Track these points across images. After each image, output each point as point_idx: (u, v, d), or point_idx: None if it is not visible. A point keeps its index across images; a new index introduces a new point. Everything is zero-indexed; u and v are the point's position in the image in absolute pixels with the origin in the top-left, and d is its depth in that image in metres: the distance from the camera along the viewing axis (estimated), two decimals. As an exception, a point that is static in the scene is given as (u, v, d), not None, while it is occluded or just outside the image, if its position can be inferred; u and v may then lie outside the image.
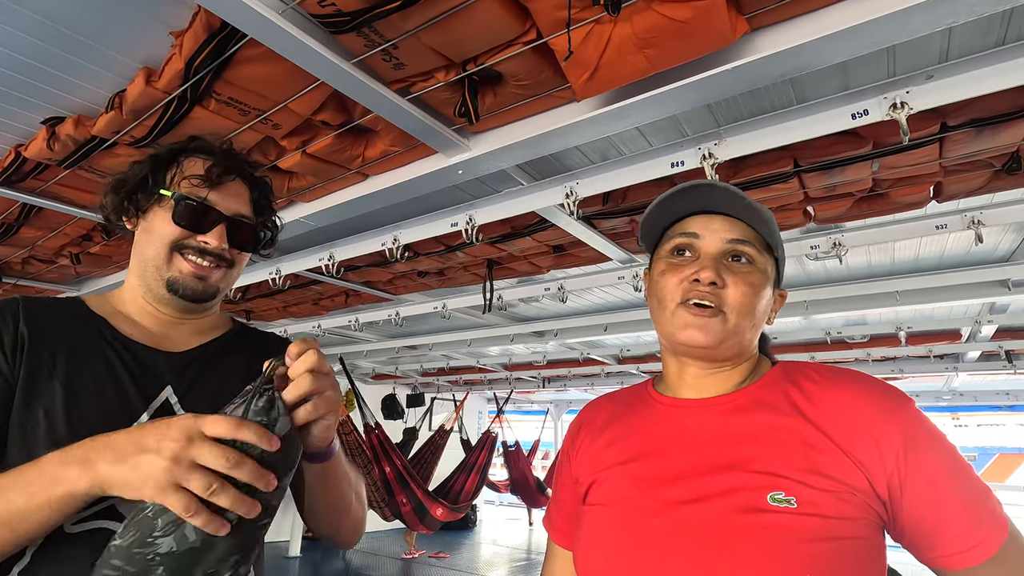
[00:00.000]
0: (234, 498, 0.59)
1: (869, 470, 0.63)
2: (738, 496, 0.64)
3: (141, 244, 0.88)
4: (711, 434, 0.71)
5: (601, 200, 2.14)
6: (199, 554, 0.59)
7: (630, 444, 0.78)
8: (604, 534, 0.72)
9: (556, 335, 4.36)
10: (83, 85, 1.59)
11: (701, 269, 0.71)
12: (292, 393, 0.66)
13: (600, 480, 0.77)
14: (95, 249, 2.71)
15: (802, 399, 0.69)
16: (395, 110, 1.49)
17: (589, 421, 0.87)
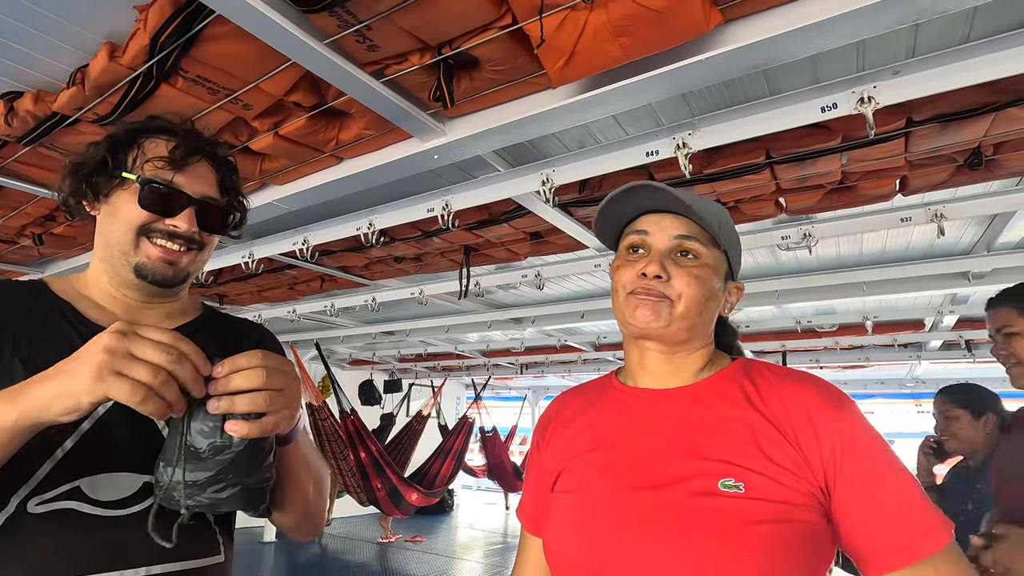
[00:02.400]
0: (178, 392, 0.59)
1: (810, 460, 0.67)
2: (693, 483, 0.69)
3: (105, 228, 0.86)
4: (670, 424, 0.75)
5: (578, 188, 2.15)
6: (202, 487, 0.66)
7: (594, 433, 0.81)
8: (570, 519, 0.76)
9: (533, 322, 4.38)
10: (43, 59, 1.53)
11: (648, 264, 0.77)
12: (224, 409, 0.65)
13: (567, 469, 0.81)
14: (59, 230, 2.63)
15: (755, 393, 0.74)
16: (369, 93, 1.46)
17: (557, 413, 0.90)
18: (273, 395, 0.65)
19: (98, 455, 0.72)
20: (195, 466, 0.65)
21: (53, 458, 0.70)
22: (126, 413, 0.76)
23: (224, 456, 0.65)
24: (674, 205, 0.79)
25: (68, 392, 0.58)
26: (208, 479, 0.66)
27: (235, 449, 0.66)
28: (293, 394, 0.68)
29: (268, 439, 0.71)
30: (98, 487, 0.71)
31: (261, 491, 0.72)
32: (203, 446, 0.65)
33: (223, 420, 0.64)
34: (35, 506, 0.67)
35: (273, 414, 0.65)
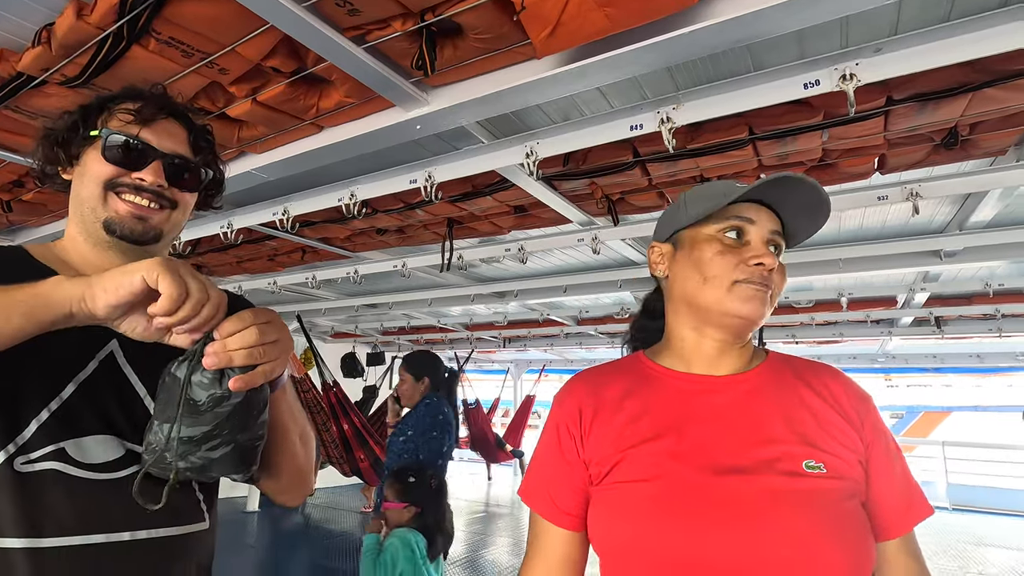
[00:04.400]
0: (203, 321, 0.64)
1: (863, 439, 0.76)
2: (779, 464, 0.72)
3: (76, 189, 0.85)
4: (739, 410, 0.78)
5: (562, 161, 2.14)
6: (197, 443, 0.67)
7: (654, 420, 0.78)
8: (650, 508, 0.73)
9: (516, 296, 4.40)
10: (4, 15, 1.46)
11: (765, 255, 0.77)
12: (223, 363, 0.66)
13: (627, 458, 0.77)
14: (28, 196, 2.55)
15: (810, 381, 0.80)
16: (350, 59, 1.43)
17: (595, 401, 0.84)
18: (267, 348, 0.66)
19: (82, 418, 0.73)
20: (193, 420, 0.66)
21: (38, 418, 0.70)
22: (109, 379, 0.77)
23: (222, 408, 0.67)
24: (811, 202, 0.80)
25: (127, 273, 0.60)
26: (203, 435, 0.67)
27: (233, 401, 0.67)
28: (286, 344, 0.70)
29: (262, 395, 0.73)
30: (83, 449, 0.71)
31: (253, 450, 0.74)
32: (202, 398, 0.66)
33: (221, 373, 0.65)
34: (21, 464, 0.67)
35: (268, 363, 0.67)
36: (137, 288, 0.60)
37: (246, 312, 0.67)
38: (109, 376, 0.78)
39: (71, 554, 0.67)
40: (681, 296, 0.83)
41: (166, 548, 0.75)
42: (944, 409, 16.93)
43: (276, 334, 0.68)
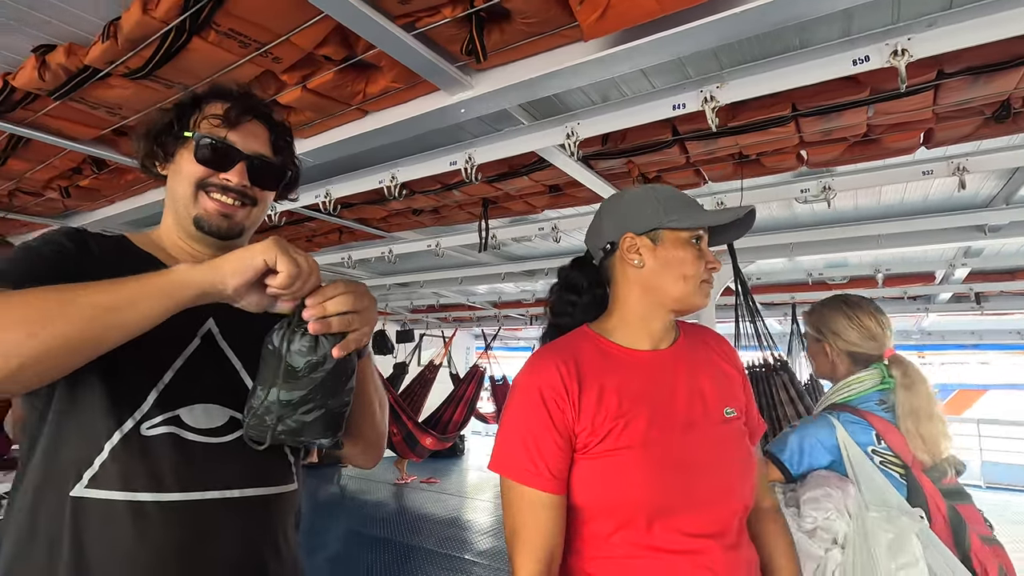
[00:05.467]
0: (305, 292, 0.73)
1: (740, 386, 1.06)
2: (713, 416, 0.97)
3: (172, 185, 0.92)
4: (681, 376, 0.99)
5: (600, 140, 2.15)
6: (294, 407, 0.74)
7: (628, 394, 0.94)
8: (646, 467, 0.89)
9: (547, 274, 4.44)
10: (74, 11, 1.53)
11: (717, 262, 1.01)
12: (323, 329, 0.73)
13: (617, 428, 0.90)
14: (85, 183, 2.66)
15: (708, 345, 1.07)
16: (400, 46, 1.47)
17: (578, 379, 0.93)
18: (357, 316, 0.74)
19: (191, 388, 0.81)
20: (291, 385, 0.74)
21: (156, 388, 0.78)
22: (209, 353, 0.84)
23: (317, 374, 0.74)
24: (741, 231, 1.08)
25: (248, 255, 0.68)
26: (300, 399, 0.74)
27: (327, 367, 0.74)
28: (372, 314, 0.78)
29: (351, 364, 0.80)
30: (194, 416, 0.79)
31: (340, 416, 0.81)
32: (300, 364, 0.73)
33: (317, 340, 0.73)
34: (146, 429, 0.76)
35: (358, 331, 0.75)
36: (260, 268, 0.68)
37: (339, 281, 0.74)
38: (209, 351, 0.85)
39: (190, 507, 0.75)
40: (650, 284, 1.00)
41: (265, 505, 0.84)
42: (980, 387, 16.52)
43: (364, 303, 0.76)
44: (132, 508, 0.72)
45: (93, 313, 0.63)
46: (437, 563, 4.52)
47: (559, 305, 1.12)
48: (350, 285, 0.75)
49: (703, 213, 1.02)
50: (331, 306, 0.72)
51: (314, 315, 0.71)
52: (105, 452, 0.73)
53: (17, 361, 0.60)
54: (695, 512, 0.88)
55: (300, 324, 0.73)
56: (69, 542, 0.70)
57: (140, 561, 0.71)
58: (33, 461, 0.74)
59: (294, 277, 0.69)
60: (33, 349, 0.60)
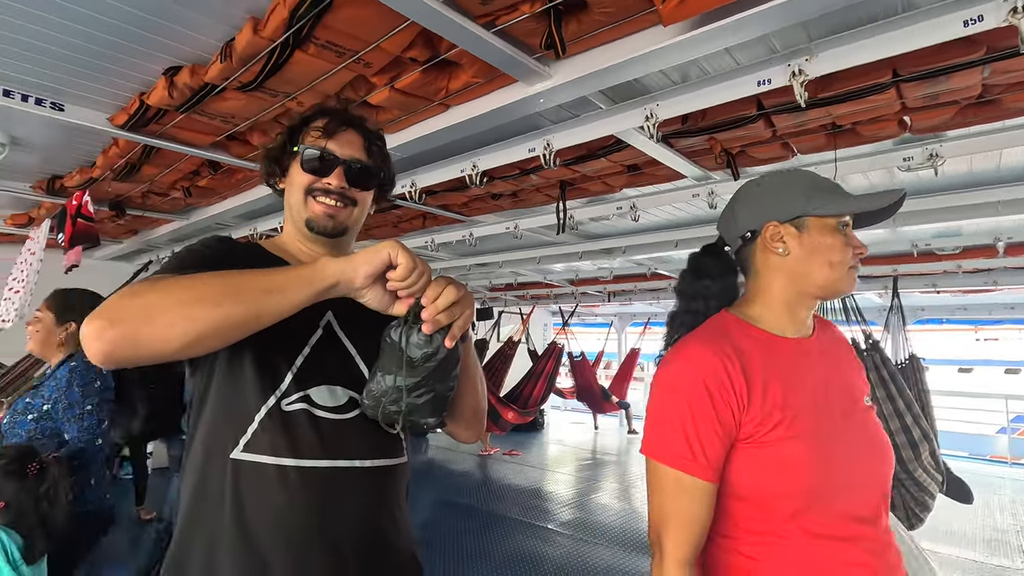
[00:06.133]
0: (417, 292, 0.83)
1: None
2: (860, 404, 1.01)
3: (287, 195, 1.05)
4: (827, 364, 1.02)
5: (680, 120, 2.11)
6: (408, 391, 0.84)
7: (791, 383, 0.95)
8: (816, 456, 0.91)
9: (624, 252, 4.41)
10: (196, 36, 1.72)
11: (863, 247, 1.00)
12: (435, 327, 0.83)
13: (787, 418, 0.91)
14: (203, 183, 2.98)
15: (835, 336, 1.10)
16: (480, 44, 1.53)
17: (740, 366, 0.92)
18: (458, 306, 0.84)
19: (318, 371, 0.93)
20: (408, 373, 0.85)
21: (291, 371, 0.91)
22: (330, 342, 0.97)
23: (430, 364, 0.85)
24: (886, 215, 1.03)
25: (375, 251, 0.80)
26: (415, 384, 0.85)
27: (439, 357, 0.85)
28: (470, 301, 0.87)
29: (457, 352, 0.89)
30: (321, 395, 0.92)
31: (446, 399, 0.91)
32: (417, 356, 0.84)
33: (430, 335, 0.83)
34: (285, 405, 0.89)
35: (460, 319, 0.84)
36: (385, 261, 0.80)
37: (439, 279, 0.84)
38: (330, 340, 0.98)
39: (323, 473, 0.88)
40: (796, 272, 1.00)
41: (383, 475, 0.95)
42: None
43: (462, 293, 0.85)
44: (278, 470, 0.86)
45: (254, 296, 0.77)
46: (521, 531, 4.73)
47: (693, 291, 1.11)
48: (448, 279, 0.84)
49: (850, 199, 1.00)
50: (441, 301, 0.82)
51: (429, 315, 0.81)
52: (255, 422, 0.87)
53: (201, 327, 0.74)
54: (855, 499, 0.92)
55: (416, 322, 0.83)
56: (231, 496, 0.84)
57: (285, 515, 0.85)
58: (200, 430, 0.90)
59: (410, 270, 0.79)
60: (211, 320, 0.74)
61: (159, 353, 0.75)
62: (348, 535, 0.88)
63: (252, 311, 0.76)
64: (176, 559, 0.86)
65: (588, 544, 4.39)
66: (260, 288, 0.77)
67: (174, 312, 0.73)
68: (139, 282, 0.79)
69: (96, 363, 0.74)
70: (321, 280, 0.79)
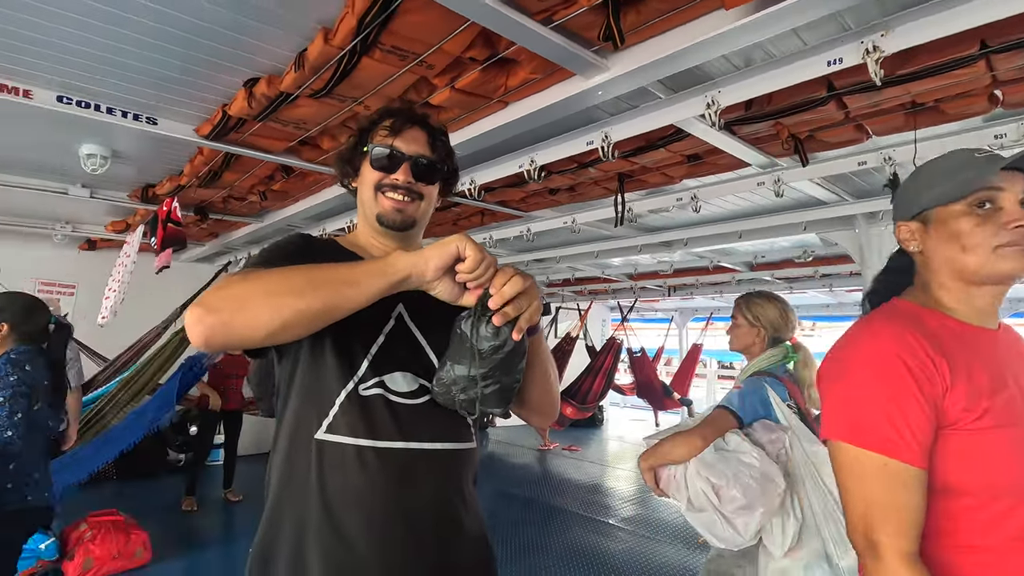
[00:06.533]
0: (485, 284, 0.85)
1: None
2: None
3: (359, 193, 1.12)
4: (1015, 356, 0.94)
5: (744, 106, 2.05)
6: (475, 381, 0.87)
7: (990, 372, 0.88)
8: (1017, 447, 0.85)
9: (686, 244, 4.31)
10: (271, 48, 1.83)
11: (1021, 217, 0.86)
12: (503, 319, 0.85)
13: (995, 405, 0.84)
14: (277, 186, 3.16)
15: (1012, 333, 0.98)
16: (538, 40, 1.55)
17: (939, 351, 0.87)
18: (524, 298, 0.85)
19: (391, 359, 0.99)
20: (476, 363, 0.88)
21: (367, 358, 0.97)
22: (402, 332, 1.02)
23: (497, 355, 0.88)
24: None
25: (443, 245, 0.83)
26: (482, 375, 0.89)
27: (506, 349, 0.87)
28: (535, 292, 0.88)
29: (524, 345, 0.92)
30: (395, 382, 0.97)
31: (511, 391, 0.94)
32: (485, 347, 0.87)
33: (498, 328, 0.85)
34: (363, 390, 0.95)
35: (527, 311, 0.86)
36: (453, 254, 0.83)
37: (505, 269, 0.86)
38: (401, 330, 1.03)
39: (399, 454, 0.93)
40: (943, 267, 0.93)
41: (454, 459, 1.00)
42: None
43: (528, 283, 0.86)
44: (357, 451, 0.92)
45: (334, 288, 0.82)
46: (581, 525, 4.73)
47: (878, 283, 1.10)
48: (513, 269, 0.86)
49: (972, 173, 0.89)
50: (507, 290, 0.84)
51: (496, 304, 0.84)
52: (336, 406, 0.94)
53: (285, 315, 0.80)
54: None
55: (485, 313, 0.86)
56: (316, 475, 0.91)
57: (364, 494, 0.90)
58: (287, 412, 0.98)
59: (478, 262, 0.83)
60: (295, 309, 0.80)
61: (248, 339, 0.81)
62: (423, 515, 0.93)
63: (331, 302, 0.82)
64: (268, 536, 0.93)
65: (650, 540, 4.33)
66: (339, 280, 0.83)
67: (262, 302, 0.80)
68: (232, 275, 0.87)
69: (196, 346, 0.82)
70: (394, 273, 0.84)
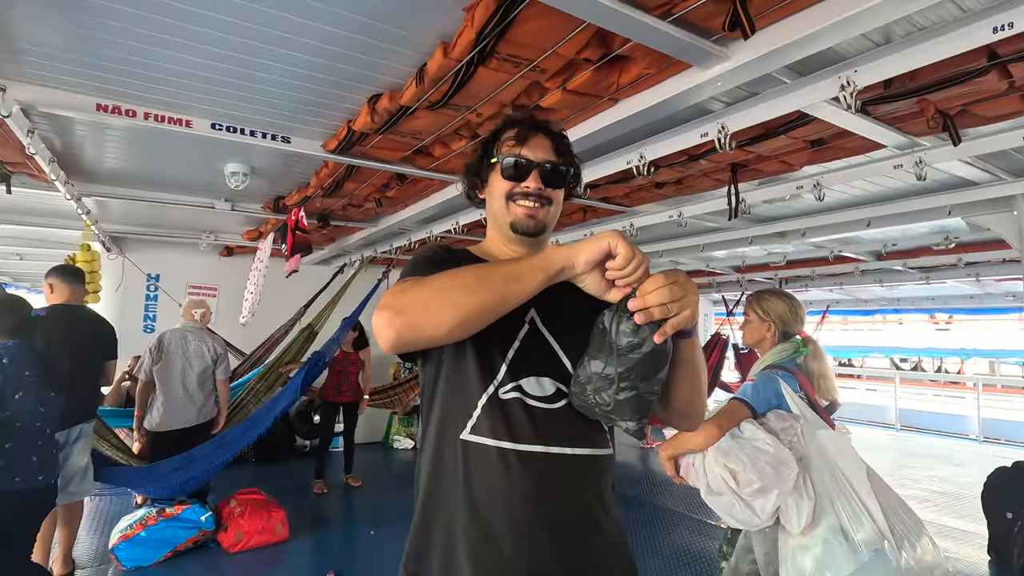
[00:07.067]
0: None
1: None
2: None
3: (489, 204, 1.15)
4: None
5: (882, 85, 1.87)
6: (610, 382, 0.87)
7: None
8: None
9: (803, 234, 4.01)
10: (392, 65, 1.95)
11: None
12: (646, 319, 0.83)
13: None
14: (391, 193, 3.36)
15: None
16: (656, 35, 1.51)
17: None
18: (675, 304, 0.83)
19: (527, 363, 1.01)
20: (612, 361, 0.87)
21: (505, 362, 1.00)
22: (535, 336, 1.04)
23: (634, 355, 0.86)
24: None
25: (597, 240, 0.85)
26: (617, 375, 0.87)
27: (644, 350, 0.85)
28: (691, 301, 0.86)
29: (667, 352, 0.89)
30: (531, 385, 1.00)
31: (648, 403, 0.91)
32: (623, 343, 0.86)
33: (638, 326, 0.84)
34: (501, 393, 0.98)
35: (676, 317, 0.84)
36: (605, 250, 0.84)
37: (659, 274, 0.85)
38: (535, 334, 1.06)
39: (539, 457, 0.96)
40: None
41: (592, 464, 1.01)
42: None
43: (683, 292, 0.84)
44: (500, 452, 0.95)
45: (501, 283, 0.87)
46: (687, 526, 4.58)
47: None
48: (670, 276, 0.84)
49: None
50: (651, 298, 0.83)
51: (636, 306, 0.83)
52: (479, 408, 0.98)
53: (462, 313, 0.85)
54: None
55: (627, 310, 0.84)
56: (463, 474, 0.96)
57: (508, 496, 0.93)
58: (434, 413, 1.03)
59: (628, 260, 0.83)
60: (470, 306, 0.85)
61: (432, 337, 0.88)
62: (566, 519, 0.94)
63: (500, 297, 0.86)
64: (421, 532, 0.99)
65: (767, 549, 4.11)
66: (505, 276, 0.87)
67: (441, 302, 0.86)
68: (401, 283, 0.93)
69: (385, 349, 0.89)
70: (550, 266, 0.87)
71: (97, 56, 1.96)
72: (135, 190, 3.83)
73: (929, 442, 8.77)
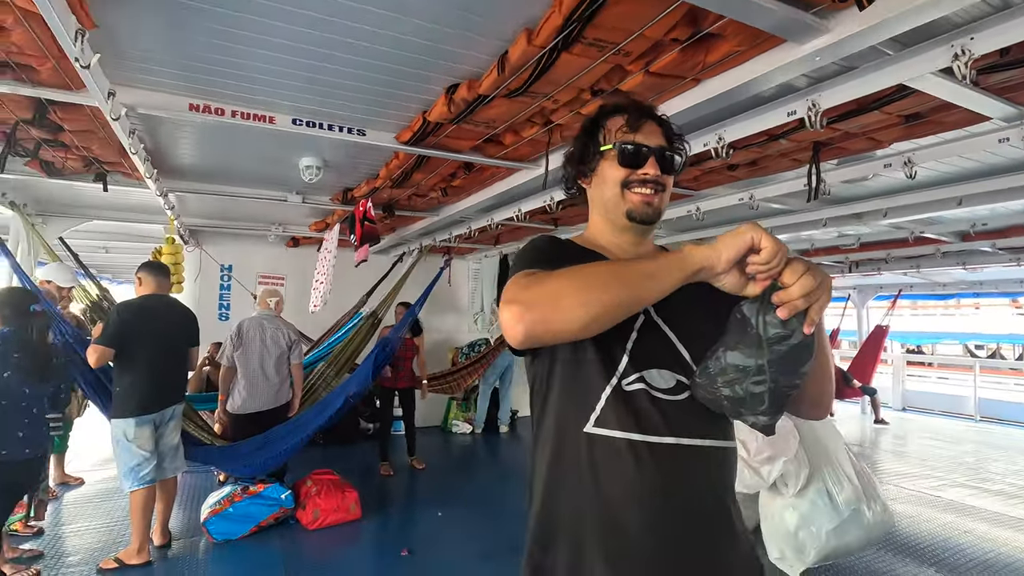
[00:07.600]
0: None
1: None
2: None
3: (597, 194, 1.12)
4: None
5: (997, 53, 1.73)
6: (747, 374, 0.84)
7: None
8: None
9: (885, 215, 3.80)
10: (471, 54, 1.95)
11: None
12: (791, 312, 0.80)
13: None
14: (457, 182, 3.39)
15: None
16: (754, 9, 1.44)
17: None
18: (814, 293, 0.80)
19: (647, 355, 1.00)
20: (754, 352, 0.84)
21: (626, 354, 0.99)
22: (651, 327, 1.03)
23: (780, 346, 0.82)
24: None
25: (738, 235, 0.82)
26: (756, 367, 0.84)
27: (792, 342, 0.82)
28: (827, 287, 0.82)
29: (811, 346, 0.85)
30: (652, 377, 0.98)
31: (785, 397, 0.87)
32: (770, 334, 0.82)
33: (787, 318, 0.80)
34: (625, 385, 0.97)
35: (818, 304, 0.81)
36: (748, 244, 0.81)
37: (796, 263, 0.81)
38: (651, 326, 1.04)
39: (670, 449, 0.94)
40: None
41: (720, 456, 0.99)
42: None
43: (820, 279, 0.81)
44: (629, 444, 0.94)
45: (637, 281, 0.85)
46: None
47: None
48: (804, 264, 0.81)
49: None
50: (795, 290, 0.79)
51: (783, 299, 0.80)
52: (602, 400, 0.97)
53: (594, 310, 0.83)
54: None
55: (771, 302, 0.81)
56: (588, 467, 0.95)
57: (638, 488, 0.92)
58: (550, 407, 1.03)
59: (774, 254, 0.79)
60: (603, 303, 0.83)
61: (563, 333, 0.86)
62: (699, 512, 0.93)
63: (635, 295, 0.84)
64: (543, 526, 0.99)
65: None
66: (640, 274, 0.85)
67: (573, 298, 0.84)
68: (525, 276, 0.92)
69: (514, 343, 0.88)
70: (690, 266, 0.84)
71: (191, 57, 2.06)
72: (213, 184, 4.02)
73: (1010, 433, 8.21)
